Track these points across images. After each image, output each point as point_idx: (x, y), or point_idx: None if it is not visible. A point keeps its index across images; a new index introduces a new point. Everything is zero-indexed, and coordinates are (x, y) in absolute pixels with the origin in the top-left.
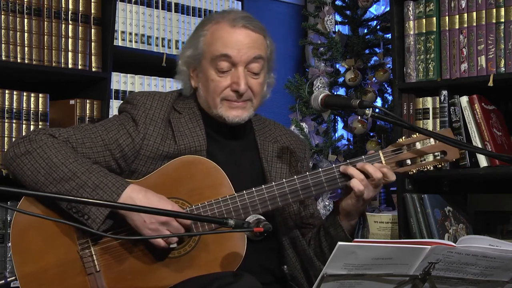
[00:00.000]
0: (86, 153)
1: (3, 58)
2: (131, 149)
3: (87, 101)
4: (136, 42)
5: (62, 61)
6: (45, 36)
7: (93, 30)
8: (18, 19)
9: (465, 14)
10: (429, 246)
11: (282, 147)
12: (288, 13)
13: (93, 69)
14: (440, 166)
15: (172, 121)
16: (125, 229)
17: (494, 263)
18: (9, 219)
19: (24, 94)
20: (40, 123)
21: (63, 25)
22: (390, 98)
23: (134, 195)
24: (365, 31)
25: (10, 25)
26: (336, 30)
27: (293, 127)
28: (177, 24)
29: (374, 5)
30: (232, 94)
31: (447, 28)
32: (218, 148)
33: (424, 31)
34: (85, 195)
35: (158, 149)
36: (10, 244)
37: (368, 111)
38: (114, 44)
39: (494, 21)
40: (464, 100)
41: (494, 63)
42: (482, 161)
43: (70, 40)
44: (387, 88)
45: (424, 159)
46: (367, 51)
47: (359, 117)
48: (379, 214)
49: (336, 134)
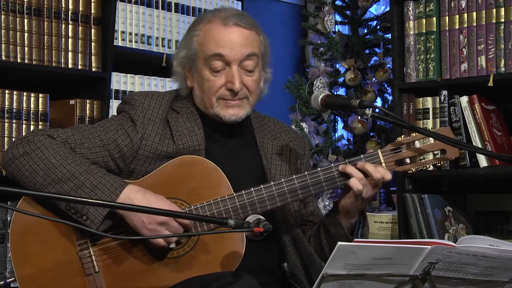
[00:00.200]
0: (85, 154)
1: (3, 58)
2: (130, 149)
3: (87, 101)
4: (136, 42)
5: (62, 61)
6: (45, 36)
7: (93, 30)
8: (18, 19)
9: (465, 14)
10: (429, 246)
11: (282, 144)
12: (288, 13)
13: (93, 69)
14: (440, 165)
15: (170, 121)
16: (124, 230)
17: (494, 263)
18: (9, 219)
19: (24, 94)
20: (40, 123)
21: (63, 25)
22: (390, 98)
23: (133, 195)
24: (365, 31)
25: (10, 25)
26: (336, 30)
27: (293, 127)
28: (177, 24)
29: (374, 5)
30: (227, 93)
31: (447, 28)
32: (217, 147)
33: (424, 31)
34: (84, 196)
35: (157, 149)
36: (9, 246)
37: (368, 111)
38: (114, 44)
39: (494, 21)
40: (464, 100)
41: (494, 63)
42: (482, 161)
43: (70, 40)
44: (387, 88)
45: (424, 158)
46: (367, 51)
47: (359, 117)
48: (379, 214)
49: (336, 134)
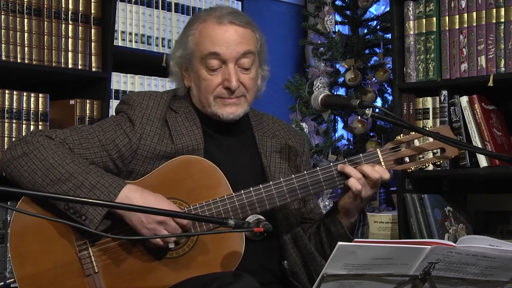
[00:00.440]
0: (83, 154)
1: (3, 58)
2: (128, 149)
3: (87, 101)
4: (136, 42)
5: (62, 61)
6: (45, 36)
7: (93, 30)
8: (18, 19)
9: (465, 14)
10: (429, 246)
11: (281, 142)
12: (288, 13)
13: (93, 69)
14: (439, 163)
15: (169, 121)
16: (123, 230)
17: (494, 263)
18: (9, 219)
19: (24, 94)
20: (40, 123)
21: (63, 25)
22: (390, 98)
23: (131, 195)
24: (365, 31)
25: (10, 25)
26: (336, 30)
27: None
28: (177, 24)
29: (374, 5)
30: (225, 92)
31: (447, 28)
32: (216, 146)
33: (424, 31)
34: (82, 196)
35: (156, 149)
36: (9, 246)
37: (368, 111)
38: (114, 44)
39: (494, 21)
40: (464, 100)
41: (494, 63)
42: (482, 161)
43: (70, 40)
44: (387, 88)
45: (423, 157)
46: (367, 51)
47: (359, 117)
48: (379, 214)
49: (336, 134)
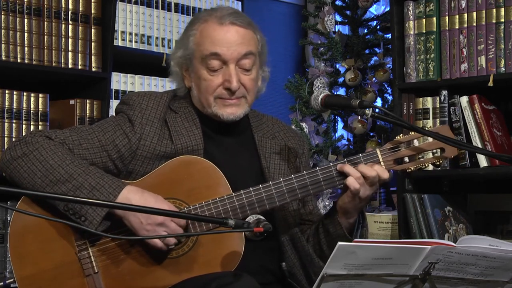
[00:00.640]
0: (83, 154)
1: (3, 58)
2: (128, 150)
3: (87, 101)
4: (136, 42)
5: (62, 61)
6: (45, 36)
7: (93, 30)
8: (18, 19)
9: (465, 14)
10: (429, 246)
11: (280, 143)
12: (288, 13)
13: (93, 69)
14: (439, 164)
15: (168, 121)
16: (123, 230)
17: (494, 263)
18: (9, 219)
19: (24, 94)
20: (40, 123)
21: (63, 25)
22: (390, 98)
23: (131, 196)
24: (365, 31)
25: (10, 25)
26: (336, 30)
27: (293, 127)
28: (177, 24)
29: (374, 5)
30: (225, 92)
31: (447, 28)
32: (215, 146)
33: (424, 31)
34: (82, 197)
35: (155, 149)
36: (8, 247)
37: (368, 111)
38: (114, 44)
39: (494, 21)
40: (464, 100)
41: (494, 63)
42: (482, 161)
43: (70, 40)
44: (387, 88)
45: (422, 157)
46: (367, 51)
47: (359, 117)
48: (379, 214)
49: (336, 134)
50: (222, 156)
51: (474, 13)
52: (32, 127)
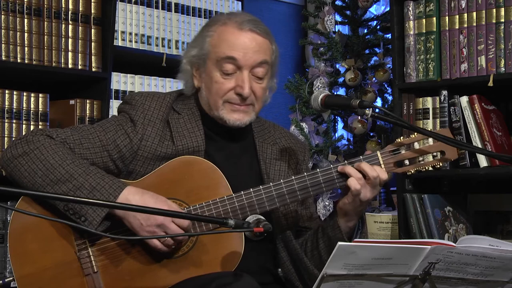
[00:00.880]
0: (84, 154)
1: (3, 58)
2: (129, 150)
3: (87, 101)
4: (136, 42)
5: (62, 61)
6: (45, 36)
7: (93, 30)
8: (18, 19)
9: (465, 14)
10: (429, 246)
11: (281, 150)
12: (288, 13)
13: (93, 69)
14: (439, 166)
15: (171, 122)
16: (122, 230)
17: (494, 263)
18: (9, 219)
19: (24, 94)
20: (40, 123)
21: (63, 25)
22: (390, 98)
23: (131, 197)
24: (365, 31)
25: (10, 25)
26: (336, 30)
27: (293, 127)
28: (177, 24)
29: (374, 5)
30: (235, 97)
31: (447, 28)
32: (216, 149)
33: (424, 31)
34: (82, 197)
35: (156, 150)
36: (8, 246)
37: (368, 111)
38: (114, 44)
39: (494, 21)
40: (464, 100)
41: (494, 63)
42: (482, 161)
43: (70, 40)
44: (387, 88)
45: (423, 159)
46: (367, 51)
47: (359, 117)
48: (379, 214)
49: (336, 134)
50: (223, 159)
51: (474, 13)
52: (32, 127)
